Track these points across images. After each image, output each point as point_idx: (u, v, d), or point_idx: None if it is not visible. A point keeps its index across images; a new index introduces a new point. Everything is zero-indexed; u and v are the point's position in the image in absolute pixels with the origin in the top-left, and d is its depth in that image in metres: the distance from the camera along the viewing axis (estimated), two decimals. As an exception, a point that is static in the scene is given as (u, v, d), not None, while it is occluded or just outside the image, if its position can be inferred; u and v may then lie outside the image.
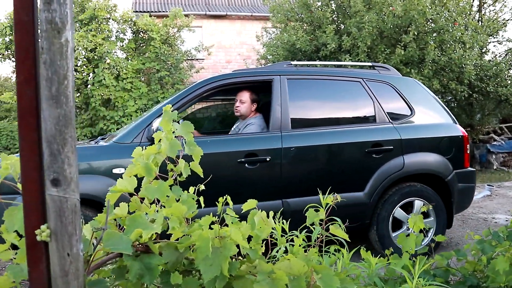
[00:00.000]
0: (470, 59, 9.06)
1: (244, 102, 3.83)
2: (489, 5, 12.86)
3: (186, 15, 13.27)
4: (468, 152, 3.94)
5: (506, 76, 10.31)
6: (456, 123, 4.06)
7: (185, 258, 1.12)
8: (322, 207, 1.46)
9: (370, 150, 3.59)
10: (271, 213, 1.24)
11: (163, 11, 15.20)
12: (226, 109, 5.50)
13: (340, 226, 1.36)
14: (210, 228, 1.13)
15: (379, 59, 9.02)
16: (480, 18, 12.18)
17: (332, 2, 10.24)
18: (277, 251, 1.47)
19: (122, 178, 1.14)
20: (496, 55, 12.36)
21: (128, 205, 1.16)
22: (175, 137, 1.30)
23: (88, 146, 3.38)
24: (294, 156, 3.43)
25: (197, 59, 14.49)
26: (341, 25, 10.24)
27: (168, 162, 1.28)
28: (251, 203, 1.25)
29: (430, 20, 9.24)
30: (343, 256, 1.67)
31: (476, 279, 1.94)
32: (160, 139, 1.26)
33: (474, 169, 4.09)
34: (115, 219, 1.14)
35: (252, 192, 3.24)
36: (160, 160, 1.27)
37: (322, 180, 3.47)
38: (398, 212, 3.69)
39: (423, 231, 2.06)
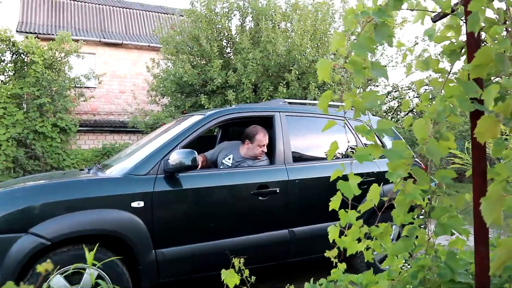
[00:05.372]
0: (348, 100, 9.57)
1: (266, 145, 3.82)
2: (371, 52, 13.99)
3: (76, 40, 12.56)
4: None
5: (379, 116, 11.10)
6: None
7: None
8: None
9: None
10: None
11: (53, 34, 14.27)
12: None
13: None
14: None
15: (263, 96, 9.17)
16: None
17: (222, 36, 10.31)
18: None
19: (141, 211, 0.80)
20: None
21: None
22: None
23: (101, 177, 3.11)
24: (299, 188, 3.61)
25: (87, 87, 13.69)
26: (230, 60, 10.32)
27: None
28: None
29: (312, 61, 9.68)
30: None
31: None
32: None
33: None
34: None
35: (261, 222, 3.45)
36: None
37: (322, 210, 3.72)
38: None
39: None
